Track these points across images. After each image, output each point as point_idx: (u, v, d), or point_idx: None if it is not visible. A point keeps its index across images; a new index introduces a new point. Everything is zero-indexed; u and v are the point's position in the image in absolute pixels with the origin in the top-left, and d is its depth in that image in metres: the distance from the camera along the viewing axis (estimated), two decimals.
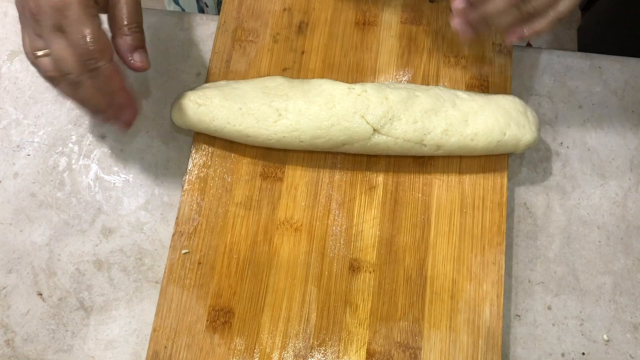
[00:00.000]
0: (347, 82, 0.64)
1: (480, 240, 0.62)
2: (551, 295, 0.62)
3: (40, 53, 0.53)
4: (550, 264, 0.63)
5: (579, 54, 0.72)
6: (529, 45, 1.62)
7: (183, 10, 0.88)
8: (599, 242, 0.64)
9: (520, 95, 0.69)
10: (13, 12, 0.72)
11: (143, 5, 0.74)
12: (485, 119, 0.61)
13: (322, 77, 0.67)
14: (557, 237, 0.64)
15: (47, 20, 0.52)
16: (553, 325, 0.61)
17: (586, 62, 0.71)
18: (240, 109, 0.60)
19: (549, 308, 0.62)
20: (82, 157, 0.66)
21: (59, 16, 0.51)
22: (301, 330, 0.58)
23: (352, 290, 0.60)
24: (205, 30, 0.71)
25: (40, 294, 0.61)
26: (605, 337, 0.61)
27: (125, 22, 0.56)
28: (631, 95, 0.69)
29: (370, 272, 0.60)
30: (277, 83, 0.62)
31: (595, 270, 0.63)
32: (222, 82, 0.64)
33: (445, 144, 0.60)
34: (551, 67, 0.71)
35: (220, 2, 0.82)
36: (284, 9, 0.70)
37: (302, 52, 0.68)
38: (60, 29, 0.52)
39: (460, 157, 0.64)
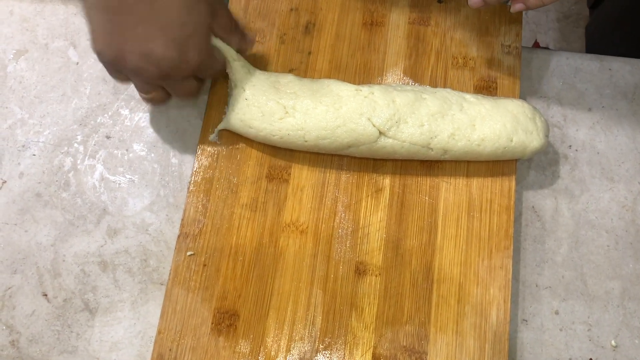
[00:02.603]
0: (354, 83, 0.64)
1: (487, 244, 0.61)
2: (559, 299, 0.62)
3: (148, 96, 0.60)
4: (558, 268, 0.63)
5: (589, 55, 0.71)
6: (537, 46, 1.61)
7: None
8: (608, 246, 0.64)
9: (528, 98, 0.69)
10: (19, 11, 0.72)
11: None
12: (493, 124, 0.60)
13: (329, 78, 0.66)
14: (565, 241, 0.64)
15: (152, 79, 0.58)
16: (560, 330, 0.61)
17: (596, 63, 0.70)
18: (246, 99, 0.60)
19: (557, 313, 0.61)
20: (87, 157, 0.66)
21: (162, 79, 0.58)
22: (306, 334, 0.58)
23: (358, 293, 0.59)
24: None
25: (45, 295, 0.61)
26: (613, 342, 0.60)
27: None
28: None
29: (376, 276, 0.60)
30: (288, 80, 0.62)
31: (604, 275, 0.63)
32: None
33: (452, 149, 0.60)
34: (560, 69, 0.70)
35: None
36: (291, 9, 0.70)
37: (309, 53, 0.68)
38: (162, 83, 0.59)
39: (468, 160, 0.63)
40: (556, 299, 0.62)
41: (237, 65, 0.61)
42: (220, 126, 0.63)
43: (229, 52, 0.61)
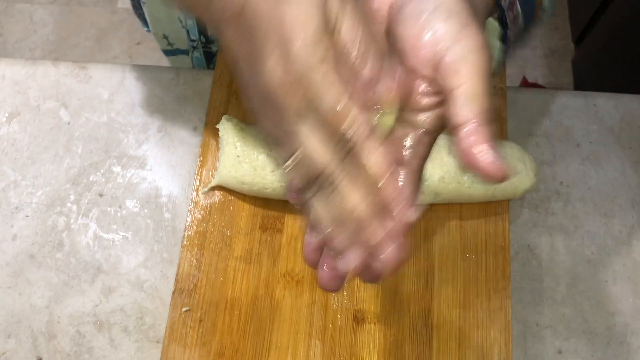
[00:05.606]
0: None
1: (485, 286, 0.61)
2: (561, 339, 0.61)
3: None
4: (558, 306, 0.62)
5: (573, 92, 0.72)
6: (525, 81, 1.63)
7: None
8: (606, 281, 0.63)
9: (516, 137, 0.69)
10: (10, 75, 0.73)
11: (138, 62, 0.75)
12: None
13: None
14: (563, 278, 0.63)
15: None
16: None
17: (581, 100, 0.71)
18: (237, 156, 0.60)
19: (560, 352, 0.61)
20: (80, 216, 0.66)
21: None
22: None
23: (357, 342, 0.59)
24: (201, 85, 0.72)
25: (40, 359, 0.60)
26: None
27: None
28: (627, 132, 0.69)
29: (375, 323, 0.59)
30: None
31: (604, 311, 0.62)
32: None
33: (443, 192, 0.60)
34: (546, 106, 0.71)
35: (211, 58, 0.83)
36: None
37: None
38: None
39: (460, 202, 0.63)
40: (558, 337, 0.61)
41: (229, 125, 0.62)
42: (213, 183, 0.63)
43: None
